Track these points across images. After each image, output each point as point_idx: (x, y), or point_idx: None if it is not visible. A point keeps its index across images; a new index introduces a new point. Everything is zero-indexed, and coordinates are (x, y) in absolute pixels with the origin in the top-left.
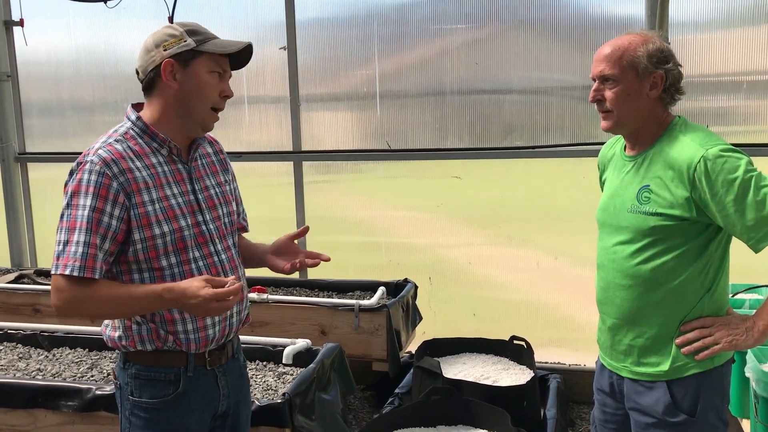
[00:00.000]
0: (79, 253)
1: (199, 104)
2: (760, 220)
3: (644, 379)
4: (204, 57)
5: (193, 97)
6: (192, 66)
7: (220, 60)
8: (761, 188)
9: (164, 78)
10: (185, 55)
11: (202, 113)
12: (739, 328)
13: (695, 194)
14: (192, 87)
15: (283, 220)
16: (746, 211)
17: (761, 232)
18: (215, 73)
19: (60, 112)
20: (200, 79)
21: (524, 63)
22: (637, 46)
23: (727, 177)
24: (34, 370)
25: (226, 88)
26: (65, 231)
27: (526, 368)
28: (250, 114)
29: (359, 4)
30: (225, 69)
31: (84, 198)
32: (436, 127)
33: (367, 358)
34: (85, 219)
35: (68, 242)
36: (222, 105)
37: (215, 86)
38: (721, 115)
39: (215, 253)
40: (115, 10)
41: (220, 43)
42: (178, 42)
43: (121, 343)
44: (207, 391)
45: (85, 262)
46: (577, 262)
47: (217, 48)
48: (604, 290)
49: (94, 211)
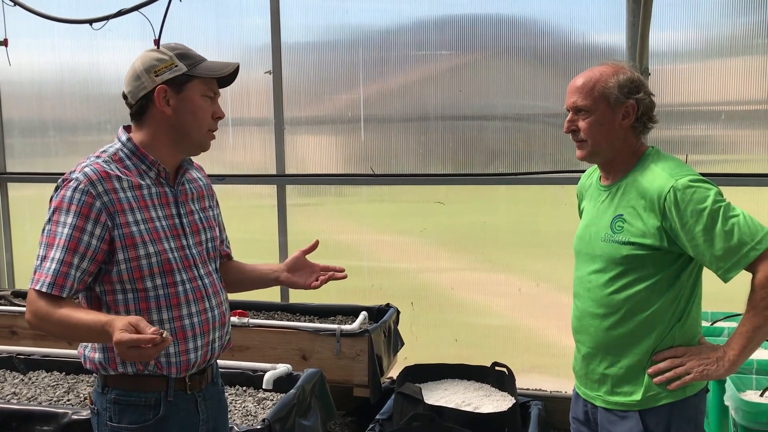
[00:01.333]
0: (52, 270)
1: (195, 128)
2: (728, 250)
3: (617, 409)
4: (196, 81)
5: (188, 122)
6: (185, 91)
7: (211, 83)
8: (729, 218)
9: (158, 104)
10: (178, 80)
11: (200, 136)
12: (710, 357)
13: (666, 224)
14: (186, 112)
15: (266, 243)
16: (715, 241)
17: (729, 262)
18: (207, 97)
19: (42, 132)
20: (195, 104)
21: (507, 90)
22: (608, 77)
23: (696, 207)
24: (9, 393)
25: (218, 109)
26: (44, 246)
27: (508, 395)
28: (234, 136)
29: (344, 29)
30: (215, 91)
31: (65, 215)
32: (419, 152)
33: (348, 383)
34: (64, 236)
35: (45, 258)
36: (216, 126)
37: (208, 109)
38: (700, 144)
39: (198, 278)
40: (101, 32)
41: (211, 66)
42: (169, 67)
43: (101, 364)
44: (187, 416)
45: (55, 279)
46: (559, 288)
47: (208, 72)
48: (579, 319)
49: (74, 230)
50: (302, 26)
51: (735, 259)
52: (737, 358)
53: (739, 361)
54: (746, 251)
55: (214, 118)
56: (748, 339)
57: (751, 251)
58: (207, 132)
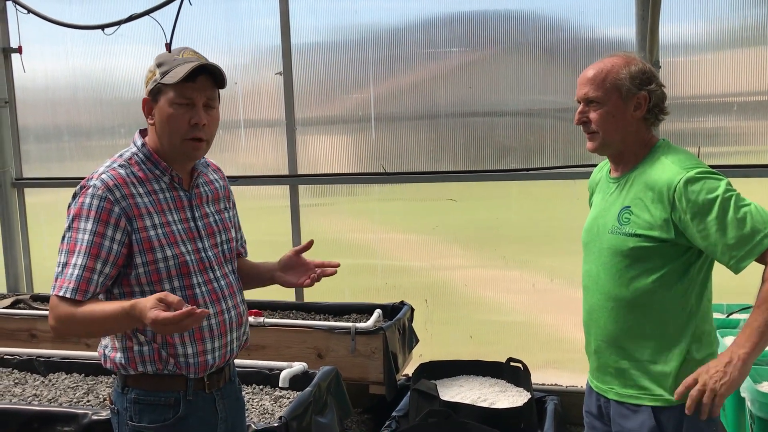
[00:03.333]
0: (75, 276)
1: (167, 138)
2: (741, 238)
3: (629, 402)
4: (168, 89)
5: (163, 132)
6: (159, 101)
7: (183, 89)
8: (741, 207)
9: (145, 115)
10: (155, 90)
11: (175, 146)
12: (718, 368)
13: (675, 215)
14: (161, 122)
15: (280, 243)
16: (727, 229)
17: (743, 250)
18: (180, 105)
19: (57, 138)
20: (163, 113)
21: (517, 86)
22: (620, 68)
23: (707, 197)
24: (30, 395)
25: (195, 115)
26: (65, 253)
27: (523, 390)
28: (246, 138)
29: (354, 28)
30: (188, 97)
31: (85, 222)
32: (430, 149)
33: (363, 381)
34: (85, 243)
35: (67, 264)
36: (196, 133)
37: (180, 117)
38: (712, 136)
39: (215, 280)
40: (113, 37)
41: (178, 71)
42: (152, 77)
43: (121, 364)
44: (206, 414)
45: (78, 285)
46: (573, 283)
47: (172, 78)
48: (589, 313)
49: (95, 236)
50: (312, 27)
51: (748, 247)
52: (748, 357)
53: (750, 359)
54: (760, 239)
55: (192, 124)
56: (760, 335)
57: (765, 239)
58: (183, 141)
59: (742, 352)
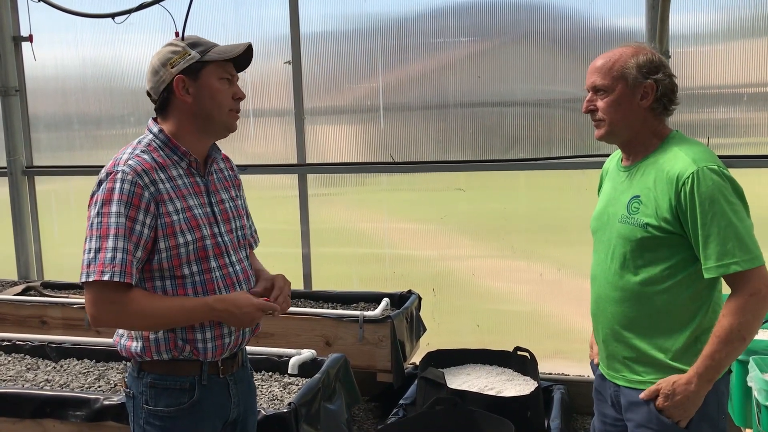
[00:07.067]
0: (118, 259)
1: (216, 111)
2: (719, 252)
3: (638, 388)
4: (211, 66)
5: (209, 106)
6: (201, 77)
7: (226, 66)
8: (733, 224)
9: (178, 94)
10: (193, 67)
11: (222, 117)
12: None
13: (680, 207)
14: (206, 97)
15: (288, 232)
16: (710, 237)
17: (712, 263)
18: (224, 79)
19: (67, 126)
20: (212, 87)
21: (526, 75)
22: (628, 57)
23: (708, 198)
24: (42, 380)
25: (237, 90)
26: (96, 239)
27: (530, 379)
28: (255, 127)
29: (362, 18)
30: (232, 74)
31: (117, 206)
32: (439, 139)
33: (371, 369)
34: (120, 226)
35: (101, 249)
36: (237, 106)
37: (227, 91)
38: (722, 126)
39: (230, 264)
40: (123, 26)
41: (223, 49)
42: (183, 57)
43: (137, 353)
44: (219, 399)
45: (124, 268)
46: (581, 274)
47: (221, 55)
48: (596, 302)
49: (127, 219)
50: (321, 16)
51: (719, 263)
52: (702, 375)
53: (702, 388)
54: (731, 262)
55: (234, 98)
56: (710, 360)
57: (736, 266)
58: (229, 112)
59: (695, 373)
